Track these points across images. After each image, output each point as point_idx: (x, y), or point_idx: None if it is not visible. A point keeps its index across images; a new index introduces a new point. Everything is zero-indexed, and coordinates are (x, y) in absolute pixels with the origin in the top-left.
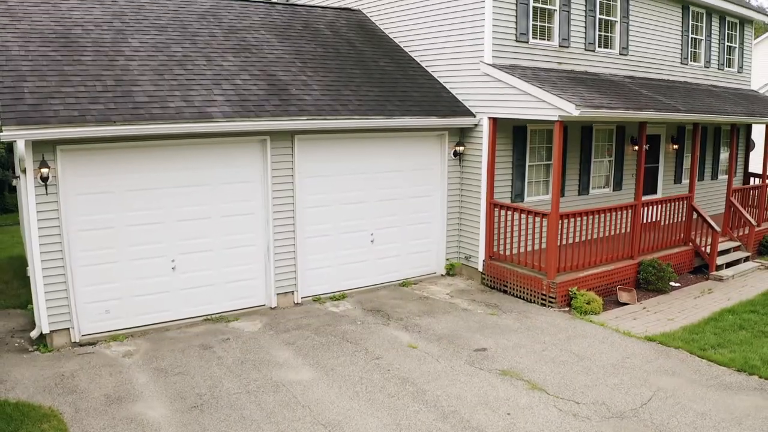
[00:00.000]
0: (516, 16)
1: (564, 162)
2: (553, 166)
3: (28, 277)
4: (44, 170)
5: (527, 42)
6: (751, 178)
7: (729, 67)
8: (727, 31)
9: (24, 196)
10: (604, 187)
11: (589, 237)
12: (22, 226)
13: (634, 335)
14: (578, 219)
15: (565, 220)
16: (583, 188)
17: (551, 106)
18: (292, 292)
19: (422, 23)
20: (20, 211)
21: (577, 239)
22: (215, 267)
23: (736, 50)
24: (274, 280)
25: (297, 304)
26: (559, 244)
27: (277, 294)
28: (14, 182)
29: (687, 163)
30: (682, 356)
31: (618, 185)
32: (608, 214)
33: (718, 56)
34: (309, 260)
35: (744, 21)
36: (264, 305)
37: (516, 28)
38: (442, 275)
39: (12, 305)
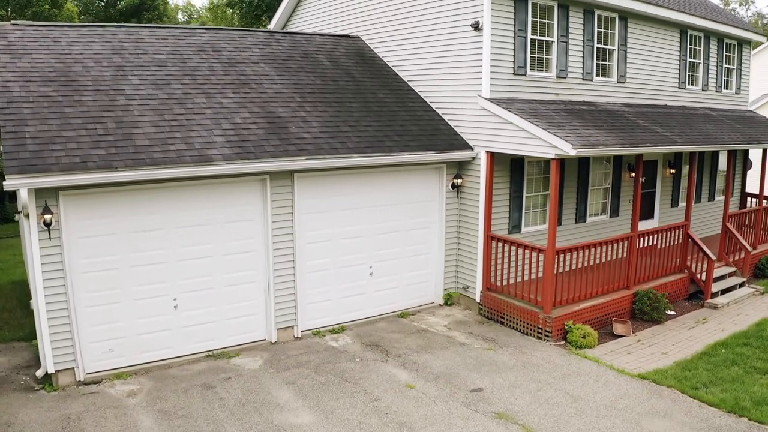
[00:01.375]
0: (514, 50)
1: (561, 191)
2: (550, 201)
3: (32, 309)
4: (47, 216)
5: (525, 75)
6: (748, 199)
7: (727, 88)
8: (725, 53)
9: (28, 241)
10: (601, 214)
11: (585, 264)
12: (25, 254)
13: (627, 372)
14: (574, 253)
15: (562, 255)
16: (580, 216)
17: (548, 144)
18: (292, 326)
19: (420, 54)
20: (23, 247)
21: (573, 267)
22: (216, 304)
23: (734, 71)
24: (274, 315)
25: (297, 338)
26: (555, 272)
27: (278, 329)
28: (17, 217)
29: (684, 185)
30: (674, 396)
31: (615, 212)
32: (604, 247)
33: (716, 78)
34: (309, 294)
35: (742, 42)
36: (265, 340)
37: (514, 62)
38: (440, 305)
39: (17, 337)
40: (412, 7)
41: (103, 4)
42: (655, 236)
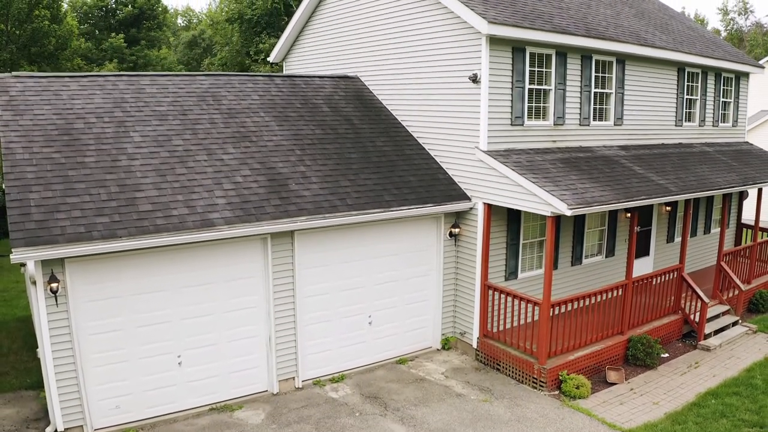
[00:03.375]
0: (512, 101)
1: (557, 235)
2: (546, 254)
3: (39, 357)
4: (54, 285)
5: (522, 125)
6: (744, 230)
7: (724, 122)
8: (722, 87)
9: (35, 307)
10: (597, 255)
11: (581, 306)
12: (30, 299)
13: (618, 427)
14: (569, 304)
15: (557, 307)
16: (576, 258)
17: (544, 202)
18: (293, 377)
19: (419, 100)
20: (31, 309)
21: (569, 308)
22: (219, 359)
23: (731, 105)
24: (276, 367)
25: (298, 388)
26: (551, 315)
27: (279, 380)
28: (22, 270)
29: (680, 215)
30: None
31: (611, 251)
32: (599, 296)
33: (713, 113)
34: (309, 345)
35: (740, 75)
36: (267, 391)
37: (512, 112)
38: (437, 350)
39: (24, 385)
40: (412, 53)
41: (102, 14)
42: (651, 281)
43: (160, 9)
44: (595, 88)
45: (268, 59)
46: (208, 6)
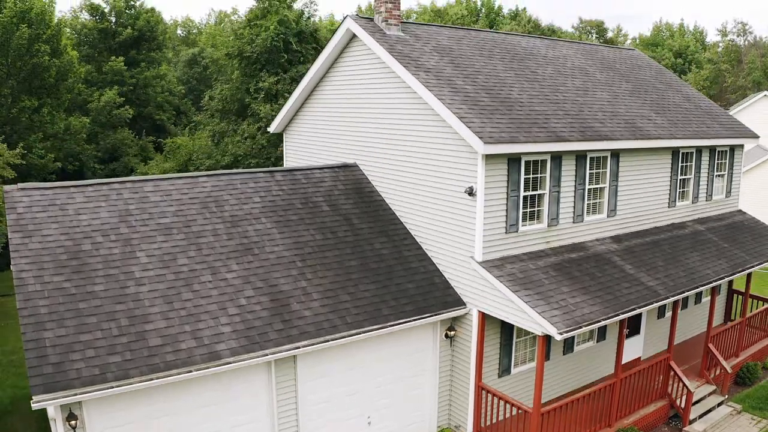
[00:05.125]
0: (506, 210)
1: None
2: (536, 374)
3: None
4: (73, 422)
5: (517, 231)
6: (734, 296)
7: (717, 195)
8: (716, 161)
9: None
10: (588, 341)
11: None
12: None
13: None
14: (559, 410)
15: (546, 415)
16: (568, 347)
17: (536, 323)
18: None
19: (417, 202)
20: None
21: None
22: None
23: (725, 177)
24: None
25: None
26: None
27: None
28: None
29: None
30: None
31: (602, 336)
32: (588, 396)
33: (707, 187)
34: None
35: (734, 146)
36: None
37: (506, 221)
38: None
39: None
40: (410, 152)
41: (102, 36)
42: (639, 374)
43: (159, 30)
44: (589, 184)
45: (269, 129)
46: (207, 19)
